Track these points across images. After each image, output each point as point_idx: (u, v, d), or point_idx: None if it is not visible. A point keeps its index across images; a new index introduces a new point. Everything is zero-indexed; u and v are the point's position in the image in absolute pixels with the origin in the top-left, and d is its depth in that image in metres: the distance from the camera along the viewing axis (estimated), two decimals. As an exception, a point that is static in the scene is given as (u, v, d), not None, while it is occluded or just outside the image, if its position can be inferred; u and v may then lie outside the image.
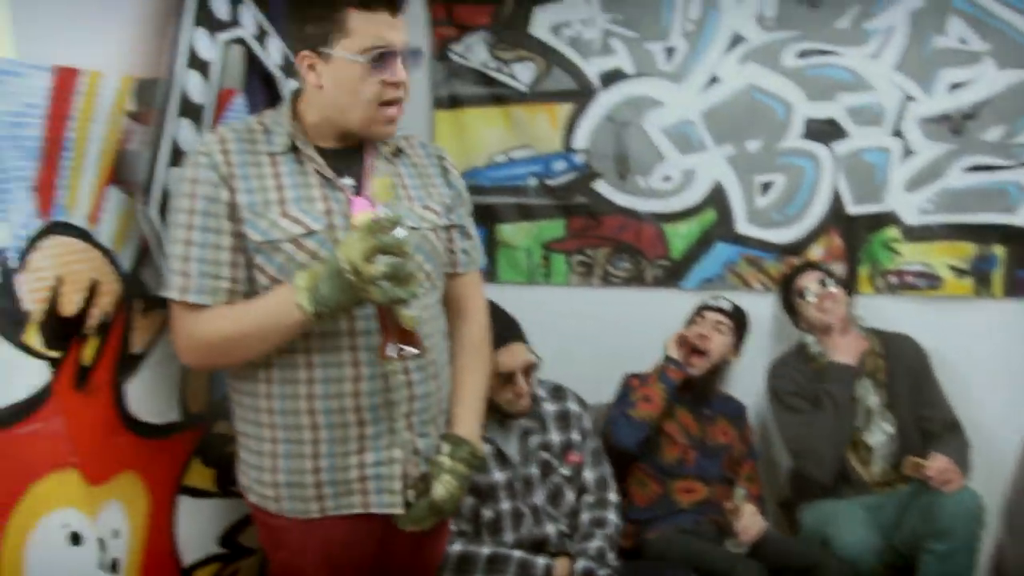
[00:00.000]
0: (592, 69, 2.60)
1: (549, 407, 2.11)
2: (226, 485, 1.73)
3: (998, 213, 2.42)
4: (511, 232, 2.74)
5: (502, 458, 1.98)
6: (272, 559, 1.46)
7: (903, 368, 2.34)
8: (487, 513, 1.93)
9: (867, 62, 2.43)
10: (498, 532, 1.93)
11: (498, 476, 1.95)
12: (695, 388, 2.34)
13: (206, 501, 1.72)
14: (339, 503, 1.32)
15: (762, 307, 2.62)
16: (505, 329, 1.92)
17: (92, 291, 1.39)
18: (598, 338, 2.73)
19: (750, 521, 2.17)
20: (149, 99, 1.51)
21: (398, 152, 1.42)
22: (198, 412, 1.69)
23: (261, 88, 1.88)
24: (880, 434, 2.29)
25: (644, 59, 2.56)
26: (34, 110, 1.29)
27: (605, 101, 2.61)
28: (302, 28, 1.26)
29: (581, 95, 2.63)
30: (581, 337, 2.70)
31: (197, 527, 1.68)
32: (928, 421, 2.29)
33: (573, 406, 2.15)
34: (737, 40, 2.49)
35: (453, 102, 2.71)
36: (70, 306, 1.34)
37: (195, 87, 1.56)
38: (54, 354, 1.29)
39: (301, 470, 1.30)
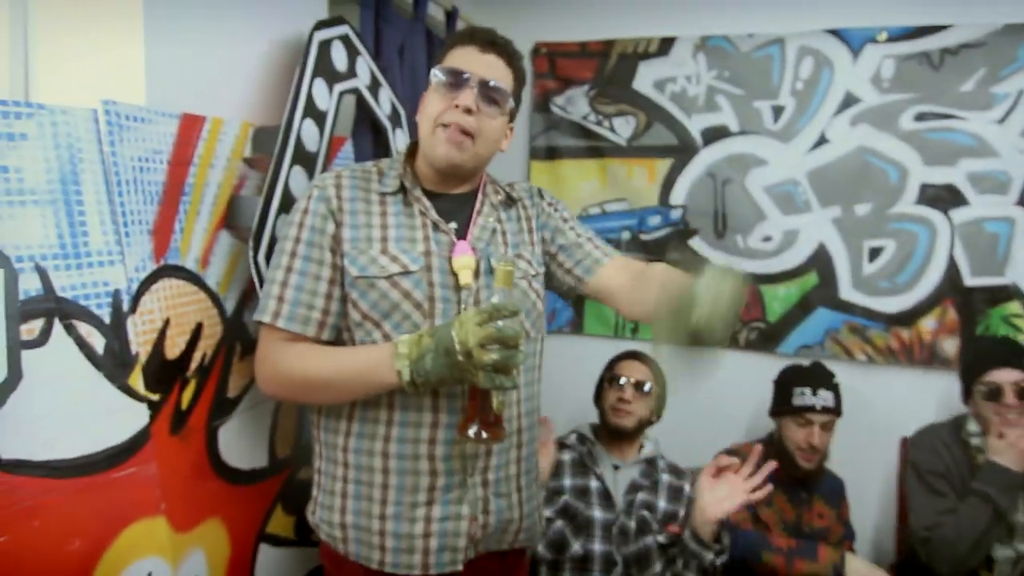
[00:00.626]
0: (695, 125, 2.55)
1: (665, 477, 2.06)
2: (305, 532, 1.71)
3: None
4: (600, 286, 2.69)
5: (607, 498, 1.97)
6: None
7: None
8: (575, 547, 1.90)
9: (992, 127, 2.29)
10: (584, 572, 1.89)
11: (598, 514, 1.94)
12: (797, 477, 2.18)
13: (285, 549, 1.69)
14: (399, 560, 1.26)
15: (864, 380, 2.45)
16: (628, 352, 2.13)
17: (196, 334, 1.40)
18: (686, 399, 2.61)
19: None
20: (265, 146, 1.53)
21: (511, 202, 1.41)
22: (284, 457, 1.68)
23: (370, 136, 1.90)
24: (1011, 551, 2.06)
25: (750, 117, 2.49)
26: (159, 155, 1.32)
27: (707, 157, 2.55)
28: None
29: (682, 151, 2.57)
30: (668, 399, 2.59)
31: (276, 575, 1.65)
32: None
33: (687, 487, 2.08)
34: (850, 101, 2.39)
35: (550, 153, 2.70)
36: (174, 349, 1.35)
37: (309, 135, 1.58)
38: (155, 397, 1.30)
39: (368, 514, 1.26)
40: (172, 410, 1.34)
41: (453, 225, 1.31)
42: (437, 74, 1.27)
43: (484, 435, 1.15)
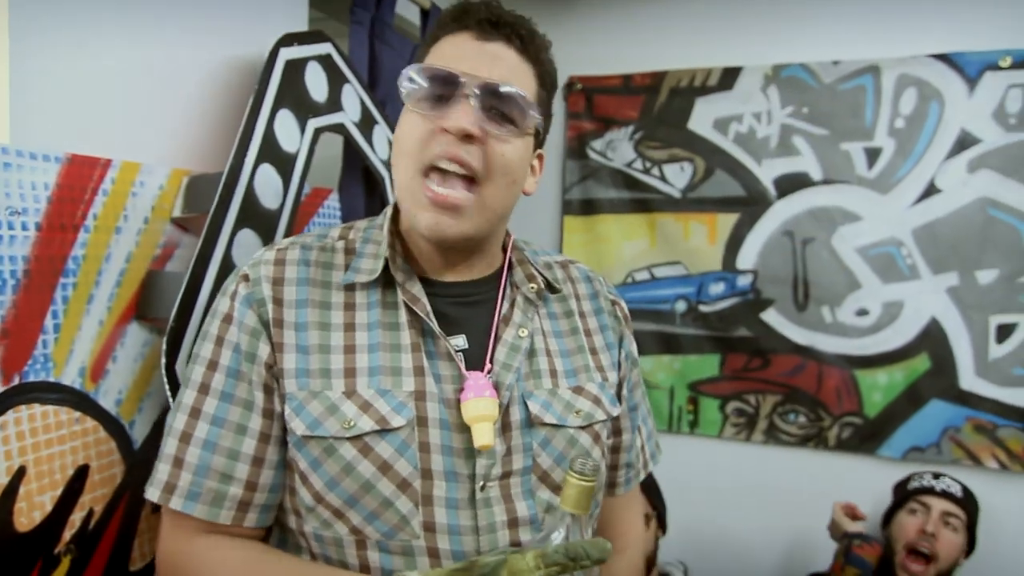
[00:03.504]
0: (766, 173, 2.08)
1: None
2: None
3: None
4: (650, 367, 2.20)
5: None
6: None
7: None
8: None
9: None
10: None
11: None
12: None
13: None
14: None
15: (997, 492, 1.91)
16: None
17: (76, 484, 0.93)
18: (758, 512, 2.12)
19: None
20: (204, 201, 1.08)
21: (550, 290, 0.90)
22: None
23: (361, 187, 1.46)
24: None
25: (837, 162, 2.02)
26: (22, 218, 0.87)
27: (782, 212, 2.07)
28: None
29: (750, 203, 2.09)
30: (735, 507, 2.09)
31: None
32: None
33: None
34: (967, 141, 1.91)
35: (587, 207, 2.24)
36: (32, 514, 0.87)
37: (267, 186, 1.13)
38: (-11, 598, 0.82)
39: None
40: (24, 613, 0.86)
41: (462, 341, 0.82)
42: (412, 79, 0.77)
43: None
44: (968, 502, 1.79)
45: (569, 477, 0.66)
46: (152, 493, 0.76)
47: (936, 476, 1.83)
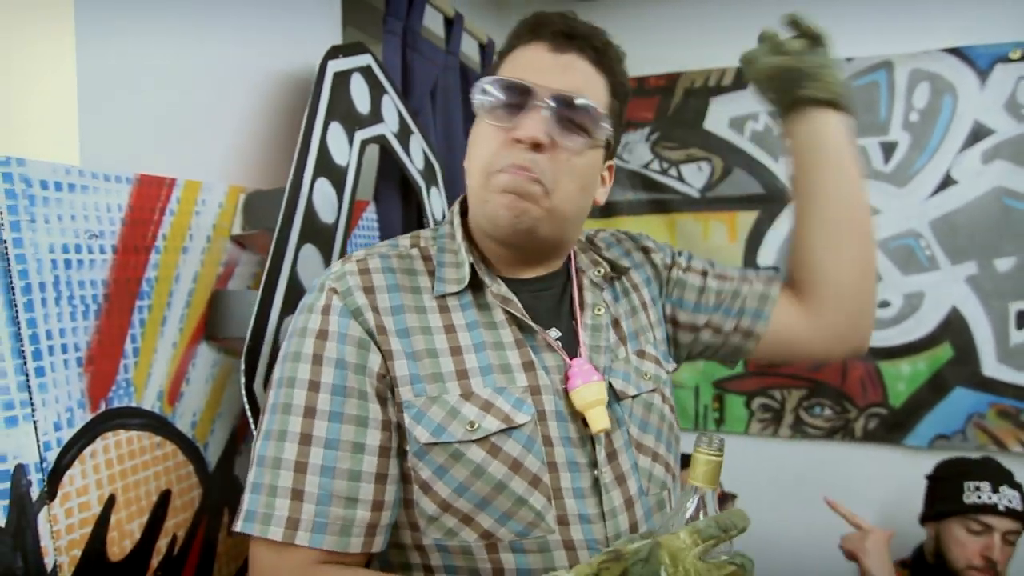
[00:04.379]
0: (784, 170, 2.10)
1: None
2: None
3: None
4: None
5: None
6: None
7: None
8: None
9: None
10: None
11: None
12: None
13: None
14: None
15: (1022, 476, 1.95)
16: None
17: (161, 509, 0.91)
18: (788, 507, 2.12)
19: None
20: (262, 218, 1.07)
21: (615, 275, 0.92)
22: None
23: (398, 198, 1.45)
24: None
25: (854, 156, 2.04)
26: (99, 241, 0.85)
27: (802, 208, 2.09)
28: None
29: (769, 201, 2.12)
30: (765, 504, 2.10)
31: None
32: None
33: None
34: (981, 132, 1.95)
35: (605, 210, 2.25)
36: (123, 543, 0.86)
37: (325, 200, 1.12)
38: (91, 631, 0.80)
39: None
40: (118, 645, 0.84)
41: (555, 332, 0.82)
42: (486, 90, 0.79)
43: None
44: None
45: (698, 454, 0.67)
46: (273, 530, 0.70)
47: (995, 488, 1.65)
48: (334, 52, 1.21)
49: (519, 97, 0.77)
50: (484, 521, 0.73)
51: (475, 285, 0.81)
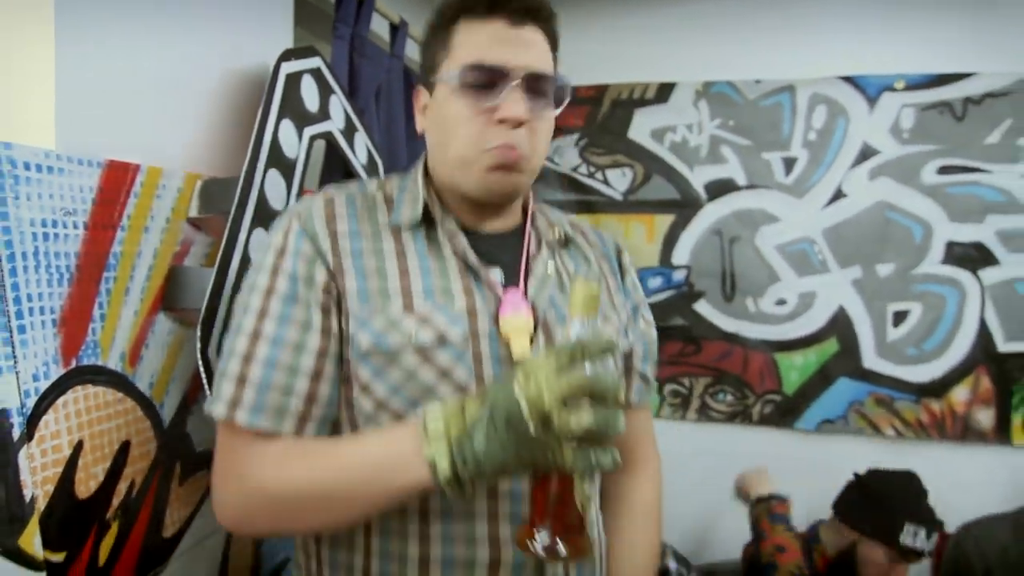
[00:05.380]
0: (698, 178, 2.31)
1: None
2: None
3: None
4: (596, 356, 2.39)
5: None
6: None
7: None
8: None
9: (1020, 182, 2.11)
10: None
11: None
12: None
13: None
14: None
15: (894, 457, 2.20)
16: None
17: (121, 458, 1.03)
18: (692, 483, 2.33)
19: None
20: (217, 203, 1.19)
21: (566, 242, 1.02)
22: (236, 602, 1.29)
23: (341, 190, 1.58)
24: None
25: (759, 170, 2.27)
26: (73, 218, 0.97)
27: (712, 213, 2.31)
28: (422, 62, 0.94)
29: (684, 206, 2.33)
30: (671, 481, 2.29)
31: None
32: None
33: (672, 564, 1.73)
34: (868, 152, 2.20)
35: (537, 208, 2.41)
36: (89, 483, 0.98)
37: (275, 189, 1.24)
38: (58, 557, 0.92)
39: None
40: (84, 571, 0.96)
41: (498, 273, 0.92)
42: (458, 75, 0.85)
43: (562, 548, 0.72)
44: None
45: (575, 287, 0.73)
46: (218, 409, 0.80)
47: (928, 536, 1.74)
48: (287, 55, 1.33)
49: (495, 77, 0.84)
50: (413, 419, 0.82)
51: (429, 224, 0.90)
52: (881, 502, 1.77)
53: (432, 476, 0.72)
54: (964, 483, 2.16)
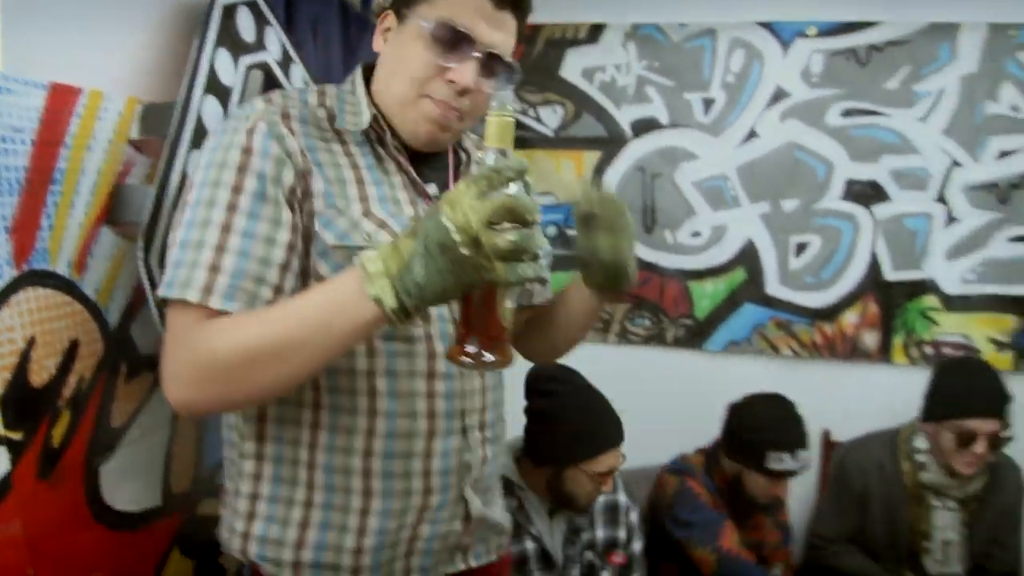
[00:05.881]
0: (624, 117, 2.45)
1: (599, 497, 1.86)
2: None
3: (1043, 286, 2.30)
4: (526, 283, 2.56)
5: (546, 559, 1.73)
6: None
7: (998, 504, 2.07)
8: None
9: (914, 125, 2.31)
10: None
11: None
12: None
13: (184, 595, 1.46)
14: None
15: (790, 374, 2.45)
16: (616, 429, 1.73)
17: (70, 354, 1.15)
18: (613, 400, 2.54)
19: None
20: (156, 126, 1.28)
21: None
22: (181, 492, 1.44)
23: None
24: (943, 570, 2.10)
25: (680, 109, 2.42)
26: (20, 134, 1.06)
27: (636, 150, 2.46)
28: None
29: (611, 143, 2.47)
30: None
31: (173, 627, 1.42)
32: (991, 559, 2.06)
33: (622, 497, 1.90)
34: (780, 95, 2.36)
35: (472, 142, 2.53)
36: (42, 374, 1.10)
37: (212, 115, 1.34)
38: (16, 436, 1.04)
39: (339, 548, 0.98)
40: (40, 451, 1.09)
41: (434, 187, 1.02)
42: (429, 25, 0.91)
43: (488, 355, 0.81)
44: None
45: (489, 117, 0.77)
46: (188, 292, 0.84)
47: (794, 456, 1.90)
48: (222, -14, 1.40)
49: (459, 41, 0.91)
50: None
51: (375, 140, 0.98)
52: (747, 435, 1.95)
53: (379, 310, 0.77)
54: (851, 397, 2.42)
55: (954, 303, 2.35)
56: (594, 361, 2.54)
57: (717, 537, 1.89)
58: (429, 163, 1.04)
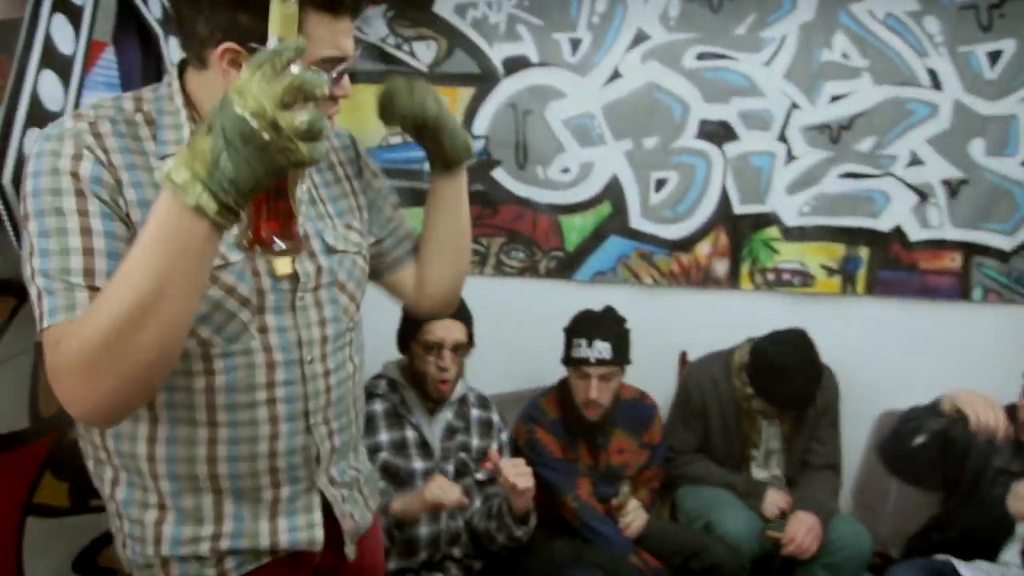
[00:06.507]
0: (496, 54, 2.53)
1: (475, 412, 2.09)
2: (82, 499, 1.50)
3: (865, 218, 2.60)
4: (404, 218, 2.63)
5: (425, 447, 1.95)
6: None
7: (817, 407, 2.37)
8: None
9: (760, 69, 2.52)
10: (414, 523, 1.86)
11: (418, 464, 1.92)
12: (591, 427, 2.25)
13: (58, 520, 1.48)
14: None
15: (650, 300, 2.67)
16: None
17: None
18: (489, 329, 2.66)
19: (634, 515, 2.21)
20: (4, 45, 1.25)
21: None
22: (51, 415, 1.44)
23: (136, 43, 1.63)
24: (766, 474, 2.41)
25: (549, 48, 2.52)
26: None
27: (508, 88, 2.55)
28: (234, 15, 0.91)
29: (483, 80, 2.54)
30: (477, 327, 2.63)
31: (48, 551, 1.44)
32: (811, 454, 2.39)
33: (496, 418, 2.13)
34: (641, 37, 2.51)
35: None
36: None
37: (62, 34, 1.31)
38: None
39: (195, 539, 1.05)
40: None
41: None
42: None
43: (279, 243, 0.83)
44: (618, 357, 2.16)
45: (272, 6, 0.76)
46: (67, 316, 0.84)
47: (590, 343, 2.14)
48: (66, -102, 1.35)
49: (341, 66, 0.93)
50: (204, 331, 0.95)
51: None
52: (566, 336, 2.24)
53: (204, 216, 0.75)
54: (704, 320, 2.67)
55: (792, 234, 2.63)
56: (472, 293, 2.66)
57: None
58: None
